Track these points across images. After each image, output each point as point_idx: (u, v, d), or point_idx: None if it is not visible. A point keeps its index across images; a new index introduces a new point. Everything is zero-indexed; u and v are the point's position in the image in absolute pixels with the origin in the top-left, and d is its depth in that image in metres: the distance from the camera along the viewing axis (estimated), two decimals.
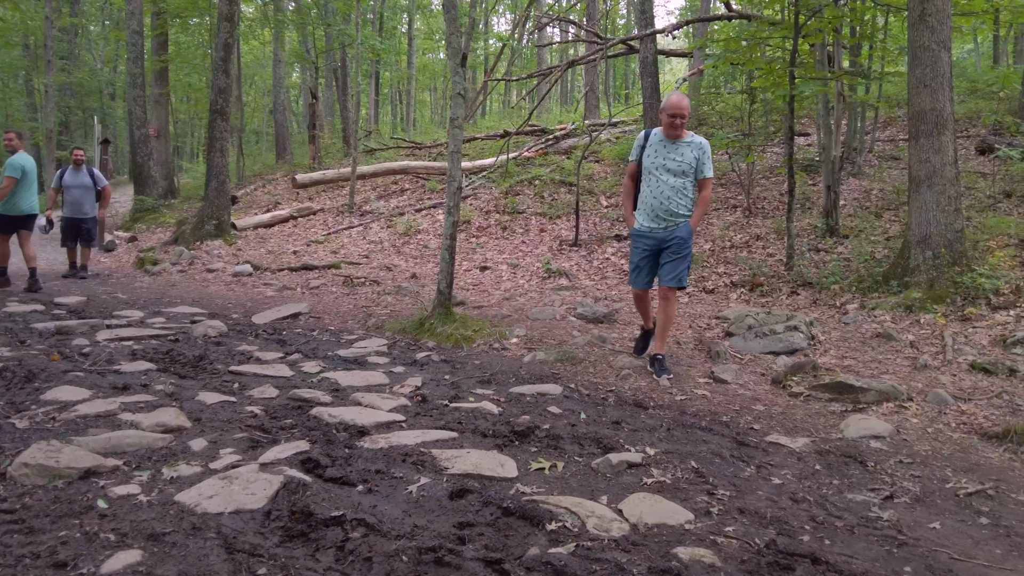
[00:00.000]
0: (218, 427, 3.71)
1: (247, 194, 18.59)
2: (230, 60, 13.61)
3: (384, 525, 2.70)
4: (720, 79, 20.28)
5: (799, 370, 5.51)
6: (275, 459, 3.25)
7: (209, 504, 2.72)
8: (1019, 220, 8.85)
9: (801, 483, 3.51)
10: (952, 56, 7.55)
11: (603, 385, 5.36)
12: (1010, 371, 5.29)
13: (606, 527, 2.85)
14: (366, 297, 8.84)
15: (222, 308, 7.97)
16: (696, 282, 9.32)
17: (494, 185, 15.37)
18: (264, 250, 12.81)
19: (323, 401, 4.35)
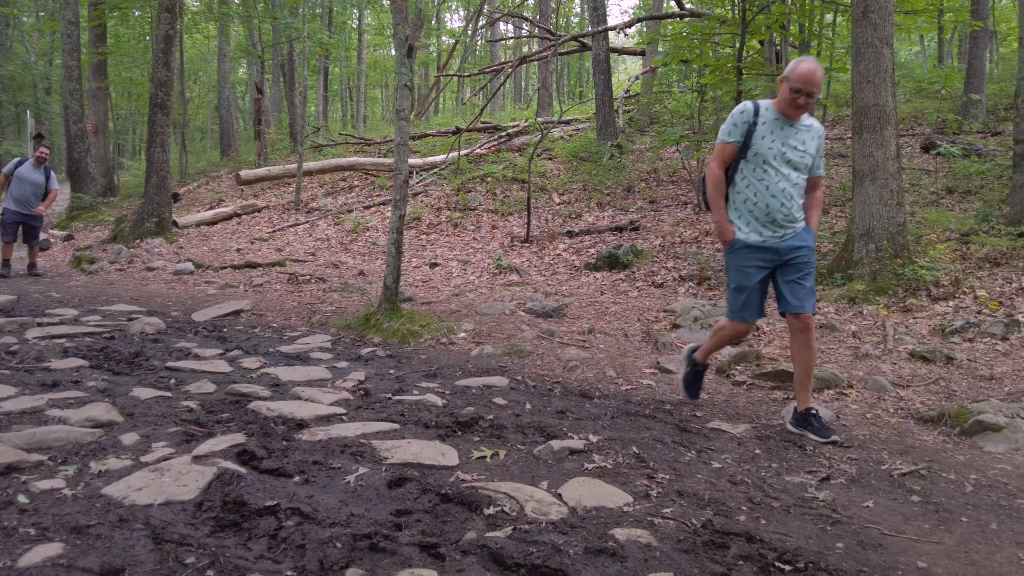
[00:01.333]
0: (151, 422, 3.67)
1: (190, 191, 18.31)
2: (171, 53, 13.39)
3: (319, 514, 2.71)
4: (673, 78, 20.57)
5: (742, 359, 5.63)
6: (209, 452, 3.23)
7: (138, 496, 2.69)
8: (960, 215, 9.13)
9: (740, 466, 3.59)
10: (896, 55, 7.77)
11: (550, 377, 5.41)
12: (947, 359, 5.46)
13: (544, 511, 2.89)
14: (311, 294, 8.78)
15: (161, 306, 7.85)
16: (646, 276, 9.44)
17: (445, 182, 15.39)
18: (206, 248, 12.64)
19: (262, 396, 4.32)
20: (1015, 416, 4.09)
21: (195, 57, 34.64)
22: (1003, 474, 3.59)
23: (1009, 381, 5.05)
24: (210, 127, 33.84)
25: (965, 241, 8.04)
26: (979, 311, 6.54)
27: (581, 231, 11.92)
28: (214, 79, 30.40)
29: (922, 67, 21.45)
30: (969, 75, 13.88)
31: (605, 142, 15.69)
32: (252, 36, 23.60)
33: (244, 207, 15.48)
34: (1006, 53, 22.67)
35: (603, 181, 14.04)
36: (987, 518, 3.05)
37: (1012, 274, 7.19)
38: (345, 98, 40.80)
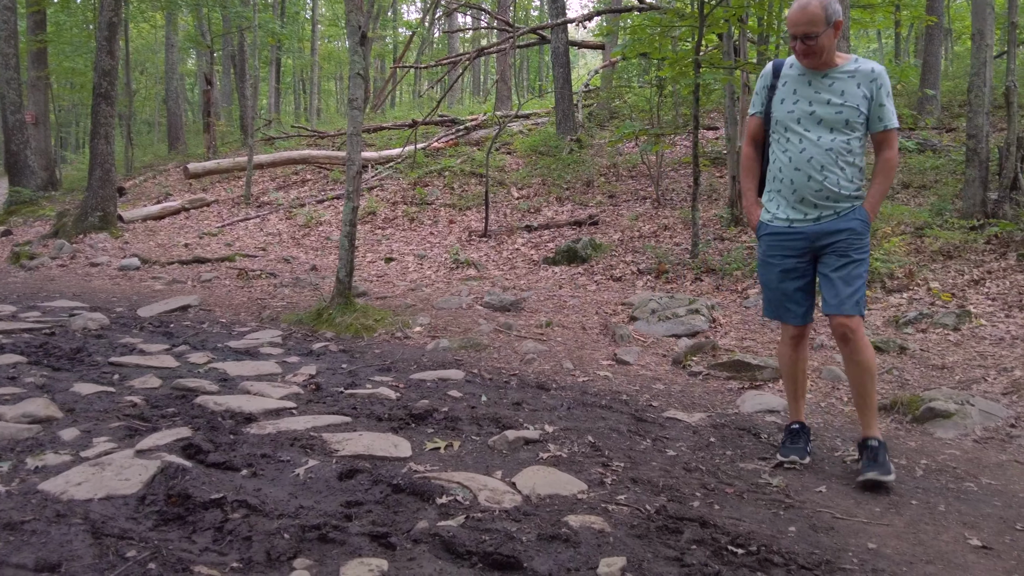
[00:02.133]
0: (93, 417, 3.62)
1: (136, 185, 17.98)
2: (115, 41, 13.12)
3: (267, 506, 2.70)
4: (632, 72, 20.71)
5: (699, 350, 5.71)
6: (153, 446, 3.19)
7: (77, 491, 2.65)
8: (914, 209, 9.35)
9: (695, 454, 3.65)
10: (854, 48, 7.92)
11: (507, 370, 5.43)
12: (901, 349, 5.60)
13: (498, 499, 2.91)
14: (261, 289, 8.70)
15: (105, 302, 7.71)
16: (605, 270, 9.51)
17: (402, 176, 15.33)
18: (153, 243, 12.43)
19: (209, 390, 4.28)
20: (965, 403, 4.21)
21: (142, 47, 34.01)
22: (952, 459, 3.69)
23: (960, 370, 5.19)
24: (157, 120, 33.26)
25: (919, 234, 8.24)
26: (932, 302, 6.70)
27: (540, 225, 11.97)
28: (161, 70, 29.85)
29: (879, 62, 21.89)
30: (924, 71, 14.21)
31: (564, 136, 15.76)
32: (201, 25, 23.22)
33: (192, 201, 15.25)
34: (960, 51, 23.25)
35: (562, 176, 14.12)
36: (936, 501, 3.14)
37: (964, 266, 7.39)
38: (298, 90, 40.39)
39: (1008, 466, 3.59)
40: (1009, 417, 4.24)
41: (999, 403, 4.44)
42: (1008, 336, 5.78)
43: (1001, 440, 3.96)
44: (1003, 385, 4.77)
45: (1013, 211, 8.06)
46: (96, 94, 13.05)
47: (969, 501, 3.15)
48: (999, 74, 12.62)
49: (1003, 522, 2.93)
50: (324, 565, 2.32)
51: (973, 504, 3.12)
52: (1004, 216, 8.04)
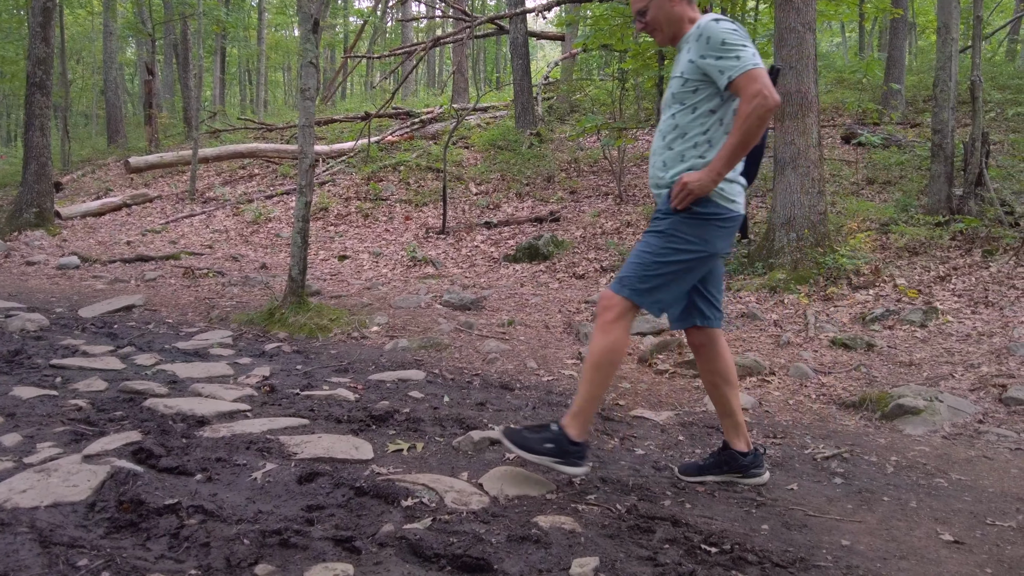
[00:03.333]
0: (35, 422, 3.56)
1: (74, 180, 17.64)
2: (50, 27, 12.84)
3: (224, 511, 2.67)
4: (593, 64, 20.83)
5: (664, 348, 5.78)
6: (102, 451, 3.15)
7: (21, 499, 2.60)
8: (879, 204, 9.57)
9: (664, 453, 3.70)
10: (817, 45, 8.07)
11: (469, 370, 5.45)
12: (868, 346, 5.73)
13: (465, 500, 2.92)
14: (209, 289, 8.59)
15: (44, 302, 7.55)
16: (567, 268, 9.57)
17: (355, 171, 15.24)
18: (93, 241, 12.21)
19: (158, 393, 4.23)
20: (933, 399, 4.32)
21: (78, 35, 33.30)
22: (922, 455, 3.79)
23: (928, 366, 5.32)
24: (95, 112, 32.57)
25: (885, 231, 8.45)
26: (899, 299, 6.88)
27: (500, 222, 12.00)
28: (99, 59, 29.24)
29: (843, 58, 22.28)
30: (889, 65, 14.49)
31: (524, 130, 15.79)
32: (141, 12, 22.83)
33: (134, 197, 15.00)
34: (924, 46, 23.75)
35: (522, 171, 14.16)
36: (907, 497, 3.22)
37: (930, 263, 7.59)
38: (244, 81, 39.89)
39: (977, 462, 3.70)
40: (977, 413, 4.37)
41: (967, 399, 4.57)
42: (975, 332, 5.95)
43: (970, 436, 4.08)
44: (970, 381, 4.91)
45: (978, 207, 8.28)
46: (30, 84, 12.77)
47: (940, 497, 3.24)
48: (964, 69, 12.95)
49: (974, 517, 3.02)
50: (287, 571, 2.30)
51: (944, 500, 3.21)
52: (969, 212, 8.27)
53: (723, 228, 3.06)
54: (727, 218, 3.05)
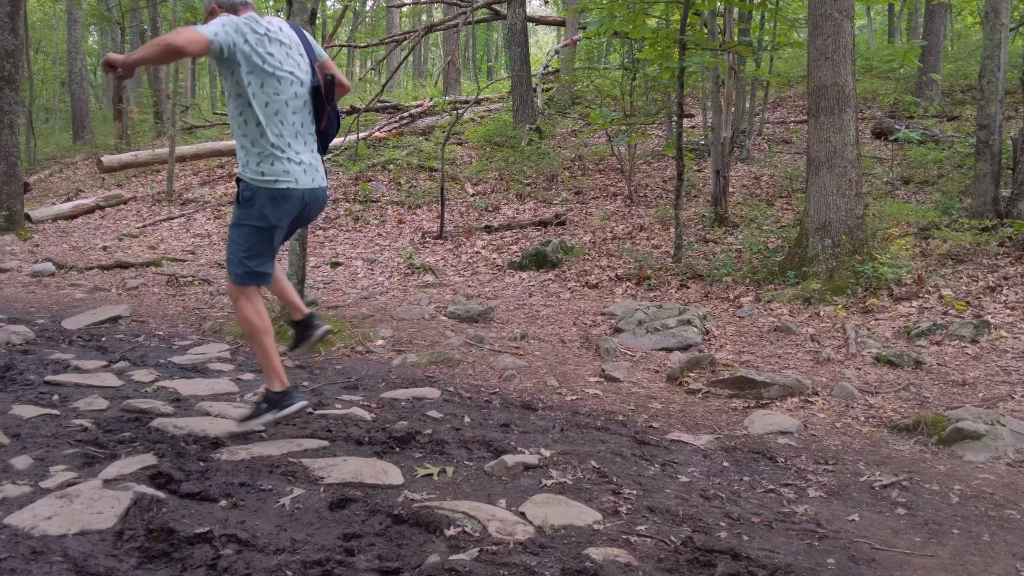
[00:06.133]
0: (42, 443, 3.61)
1: (41, 180, 17.63)
2: (18, 17, 12.82)
3: (259, 540, 2.72)
4: (596, 52, 20.91)
5: (696, 366, 5.85)
6: (119, 475, 3.20)
7: (48, 526, 2.66)
8: (918, 207, 9.63)
9: (710, 480, 3.76)
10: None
11: (485, 388, 5.50)
12: (916, 363, 5.80)
13: (509, 530, 2.97)
14: (196, 298, 8.62)
15: (23, 312, 7.59)
16: (578, 276, 9.63)
17: (341, 170, 15.25)
18: (67, 246, 12.22)
19: (164, 412, 4.28)
20: (995, 423, 4.39)
21: (37, 23, 33.22)
22: (987, 484, 3.86)
23: (983, 386, 5.40)
24: (58, 105, 32.52)
25: (925, 236, 8.49)
26: (945, 312, 6.96)
27: (501, 225, 12.05)
28: (61, 50, 29.21)
29: (869, 43, 22.29)
30: (925, 53, 14.26)
31: (523, 125, 15.72)
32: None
33: (108, 198, 15.02)
34: (961, 29, 23.64)
35: (522, 169, 14.19)
36: (978, 530, 3.29)
37: (977, 272, 7.66)
38: (214, 72, 39.88)
39: None
40: None
41: None
42: None
43: None
44: None
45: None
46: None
47: (1014, 530, 3.30)
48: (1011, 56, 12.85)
49: None
50: None
51: (1019, 533, 3.27)
52: (1019, 216, 8.30)
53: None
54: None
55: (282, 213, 3.81)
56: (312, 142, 3.95)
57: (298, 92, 3.79)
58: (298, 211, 3.88)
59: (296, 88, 3.78)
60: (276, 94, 3.70)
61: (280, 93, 3.71)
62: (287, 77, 3.73)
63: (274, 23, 3.79)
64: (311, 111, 3.92)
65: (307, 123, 3.90)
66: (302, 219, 4.03)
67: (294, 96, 3.78)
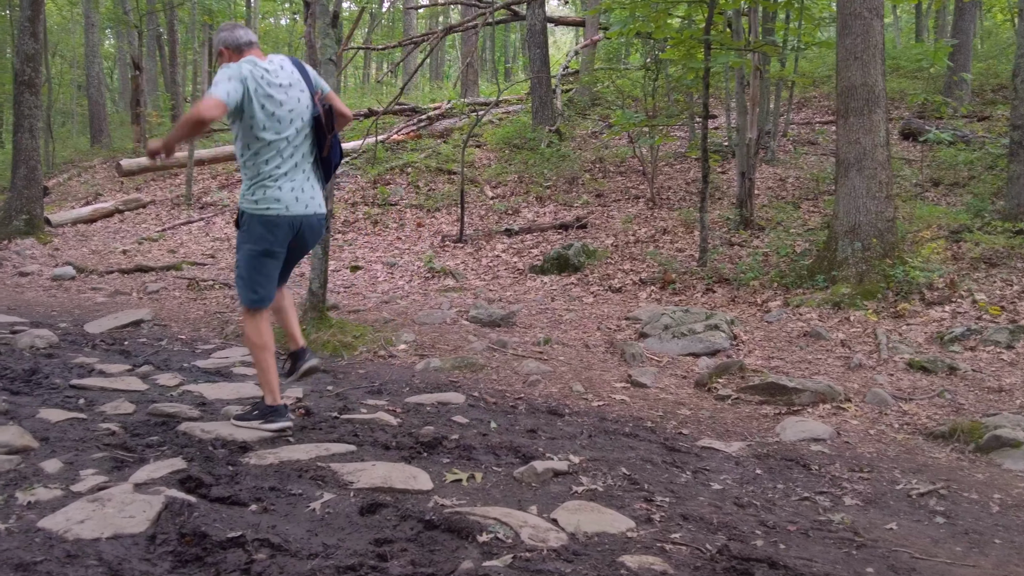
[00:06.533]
0: (71, 447, 3.66)
1: (60, 184, 17.81)
2: (39, 21, 12.98)
3: (291, 545, 2.74)
4: (615, 52, 20.84)
5: (725, 371, 5.83)
6: (149, 479, 3.24)
7: (81, 530, 2.69)
8: (949, 210, 9.56)
9: (743, 488, 3.75)
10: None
11: (510, 393, 5.51)
12: (950, 369, 5.77)
13: (542, 537, 2.97)
14: (217, 302, 8.68)
15: (46, 316, 7.71)
16: (601, 280, 9.62)
17: (360, 173, 15.30)
18: (87, 249, 12.34)
19: (191, 416, 4.33)
20: None
21: (54, 27, 33.51)
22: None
23: (1020, 393, 5.37)
24: (75, 109, 32.77)
25: (956, 239, 8.42)
26: (979, 316, 6.90)
27: (521, 229, 12.05)
28: (78, 53, 29.43)
29: (895, 42, 22.12)
30: (955, 51, 13.98)
31: (542, 127, 15.66)
32: (124, 2, 22.99)
33: (127, 202, 15.16)
34: (991, 27, 23.39)
35: (542, 172, 14.17)
36: (1021, 540, 3.27)
37: (1012, 275, 7.59)
38: None
39: None
40: None
41: None
42: None
43: None
44: None
45: None
46: (19, 82, 12.89)
47: None
48: None
49: None
50: None
51: None
52: None
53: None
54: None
55: (275, 238, 4.13)
56: (312, 172, 4.26)
57: (298, 128, 4.12)
58: (291, 236, 4.19)
59: (296, 124, 4.11)
60: (276, 132, 4.03)
61: (280, 131, 4.04)
62: (286, 116, 4.05)
63: (275, 62, 4.11)
64: (312, 141, 4.24)
65: (307, 154, 4.22)
66: (299, 245, 4.32)
67: (295, 132, 4.11)
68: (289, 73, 4.13)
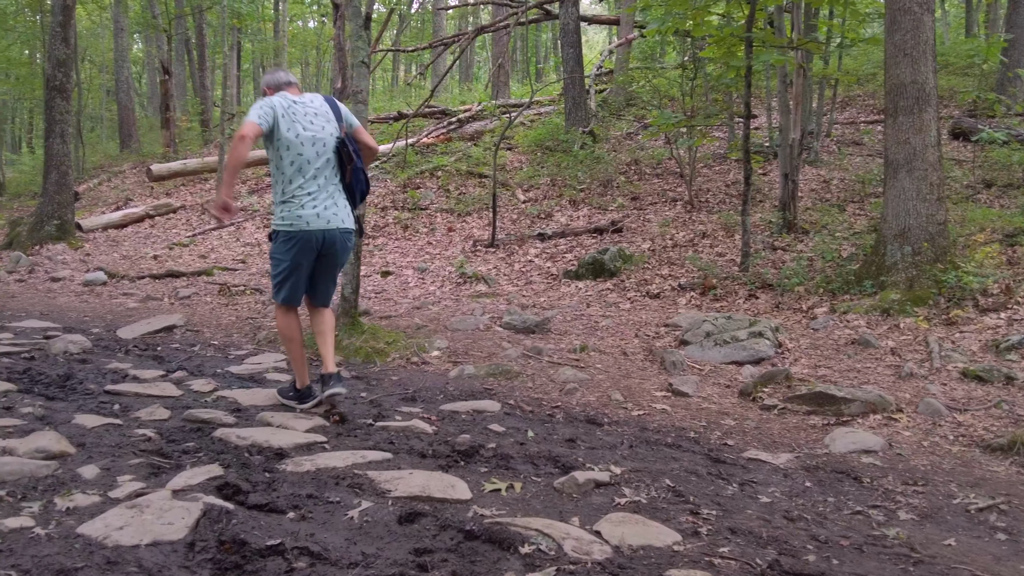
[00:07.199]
0: (107, 453, 3.72)
1: (90, 189, 18.11)
2: (70, 26, 13.20)
3: (331, 553, 2.76)
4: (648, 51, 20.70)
5: (770, 380, 5.78)
6: (186, 485, 3.28)
7: (120, 536, 2.73)
8: (1003, 212, 9.42)
9: (793, 501, 3.71)
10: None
11: (547, 401, 5.51)
12: (1007, 378, 5.67)
13: (586, 550, 2.96)
14: (249, 308, 8.77)
15: (78, 322, 7.85)
16: (638, 285, 9.59)
17: (389, 177, 15.37)
18: (117, 255, 12.53)
19: (226, 422, 4.40)
20: None
21: (83, 32, 34.00)
22: None
23: None
24: (104, 114, 33.22)
25: (1012, 243, 8.29)
26: None
27: (554, 233, 12.03)
28: (108, 58, 29.83)
29: (943, 38, 21.85)
30: (1009, 47, 13.64)
31: (575, 128, 15.59)
32: (153, 6, 23.27)
33: (157, 207, 15.37)
34: None
35: (575, 174, 14.14)
36: None
37: None
38: (257, 77, 40.43)
39: None
40: None
41: None
42: None
43: None
44: None
45: None
46: (50, 87, 13.10)
47: None
48: None
49: None
50: None
51: None
52: None
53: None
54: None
55: (298, 251, 4.69)
56: (336, 192, 4.81)
57: (320, 152, 4.70)
58: (316, 249, 4.73)
59: (319, 148, 4.69)
60: (300, 154, 4.63)
61: (303, 153, 4.64)
62: (309, 140, 4.65)
63: (306, 98, 4.80)
64: (335, 166, 4.81)
65: (330, 176, 4.78)
66: (328, 258, 4.84)
67: (316, 156, 4.68)
68: (318, 106, 4.77)
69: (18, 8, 24.23)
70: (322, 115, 4.76)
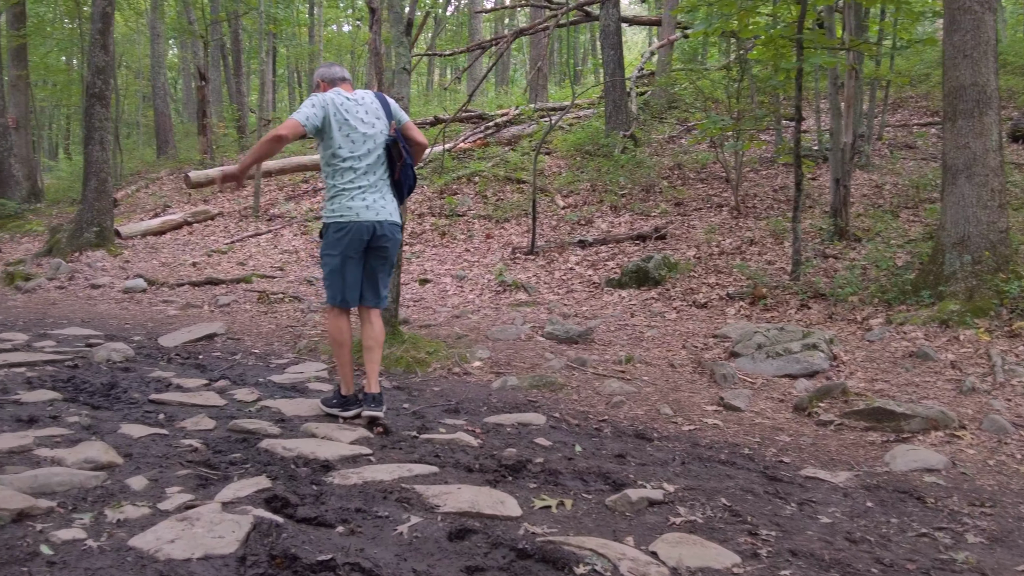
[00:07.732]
0: (154, 463, 3.76)
1: (128, 196, 18.38)
2: (109, 33, 13.40)
3: (382, 570, 2.75)
4: (691, 52, 20.60)
5: (826, 395, 5.71)
6: (235, 498, 3.30)
7: (172, 549, 2.75)
8: None
9: (854, 522, 3.65)
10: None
11: (593, 414, 5.49)
12: None
13: (642, 571, 2.93)
14: (288, 316, 8.83)
15: (119, 329, 7.96)
16: (684, 295, 9.53)
17: (426, 183, 15.41)
18: (157, 262, 12.70)
19: (271, 433, 4.44)
20: None
21: (119, 38, 34.53)
22: None
23: None
24: (139, 120, 33.72)
25: None
26: None
27: (595, 240, 12.00)
28: (144, 64, 30.26)
29: (1000, 35, 21.50)
30: None
31: (616, 132, 15.52)
32: (189, 12, 23.57)
33: (195, 214, 15.58)
34: None
35: (616, 180, 14.07)
36: None
37: None
38: (292, 83, 40.77)
39: None
40: None
41: None
42: None
43: None
44: None
45: None
46: (90, 95, 13.31)
47: None
48: None
49: None
50: None
51: None
52: None
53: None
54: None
55: (348, 242, 4.83)
56: (384, 187, 4.96)
57: (371, 148, 4.86)
58: (366, 241, 4.86)
59: (369, 145, 4.85)
60: (351, 151, 4.80)
61: (354, 150, 4.81)
62: (360, 136, 4.82)
63: (358, 94, 4.93)
64: (384, 163, 4.94)
65: (380, 171, 4.93)
66: (377, 252, 4.96)
67: (367, 152, 4.84)
68: (369, 103, 4.91)
69: (56, 15, 24.64)
70: (373, 112, 4.89)
